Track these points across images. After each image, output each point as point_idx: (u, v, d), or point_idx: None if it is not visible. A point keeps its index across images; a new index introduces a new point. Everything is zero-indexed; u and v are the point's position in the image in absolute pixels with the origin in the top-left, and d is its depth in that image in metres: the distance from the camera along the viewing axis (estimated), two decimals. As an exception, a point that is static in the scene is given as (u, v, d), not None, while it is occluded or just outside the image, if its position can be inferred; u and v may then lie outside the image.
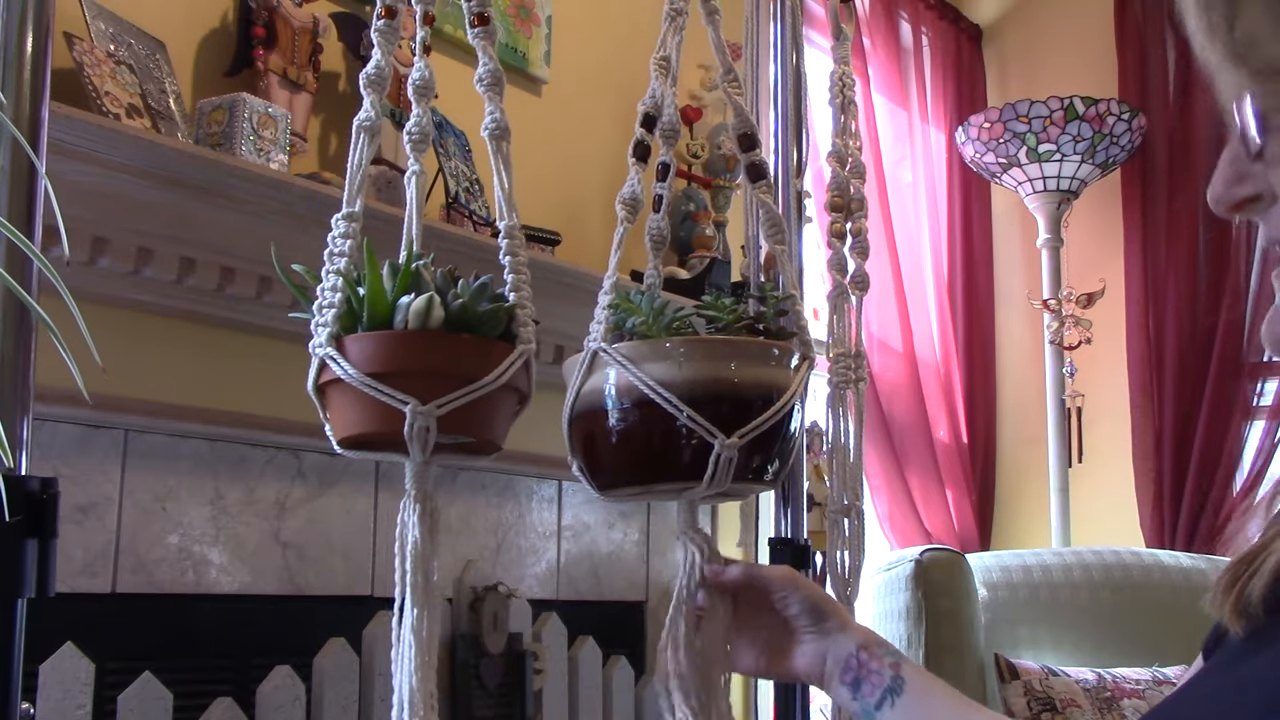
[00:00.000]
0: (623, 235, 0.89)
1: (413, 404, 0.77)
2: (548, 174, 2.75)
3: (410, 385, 0.78)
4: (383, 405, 0.78)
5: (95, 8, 1.92)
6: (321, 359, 0.81)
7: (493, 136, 0.88)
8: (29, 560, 0.94)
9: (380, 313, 0.79)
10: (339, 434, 0.82)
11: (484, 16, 0.89)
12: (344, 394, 0.80)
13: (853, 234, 1.20)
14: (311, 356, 0.81)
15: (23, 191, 0.99)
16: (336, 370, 0.79)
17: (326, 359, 0.80)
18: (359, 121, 0.88)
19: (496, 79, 0.88)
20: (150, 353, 1.94)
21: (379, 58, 0.88)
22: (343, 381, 0.79)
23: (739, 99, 0.91)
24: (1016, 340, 4.17)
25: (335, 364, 0.79)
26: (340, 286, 0.82)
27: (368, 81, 0.88)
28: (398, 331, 0.79)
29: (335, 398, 0.81)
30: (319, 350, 0.80)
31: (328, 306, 0.81)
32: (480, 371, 0.79)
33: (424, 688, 0.84)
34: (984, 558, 3.24)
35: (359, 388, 0.78)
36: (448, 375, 0.78)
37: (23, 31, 1.01)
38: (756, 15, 1.77)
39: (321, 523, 2.13)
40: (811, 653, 0.96)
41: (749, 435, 0.80)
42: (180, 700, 1.86)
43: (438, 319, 0.78)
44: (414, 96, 0.89)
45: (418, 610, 0.84)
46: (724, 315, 0.83)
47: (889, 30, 3.89)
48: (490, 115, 0.88)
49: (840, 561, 1.05)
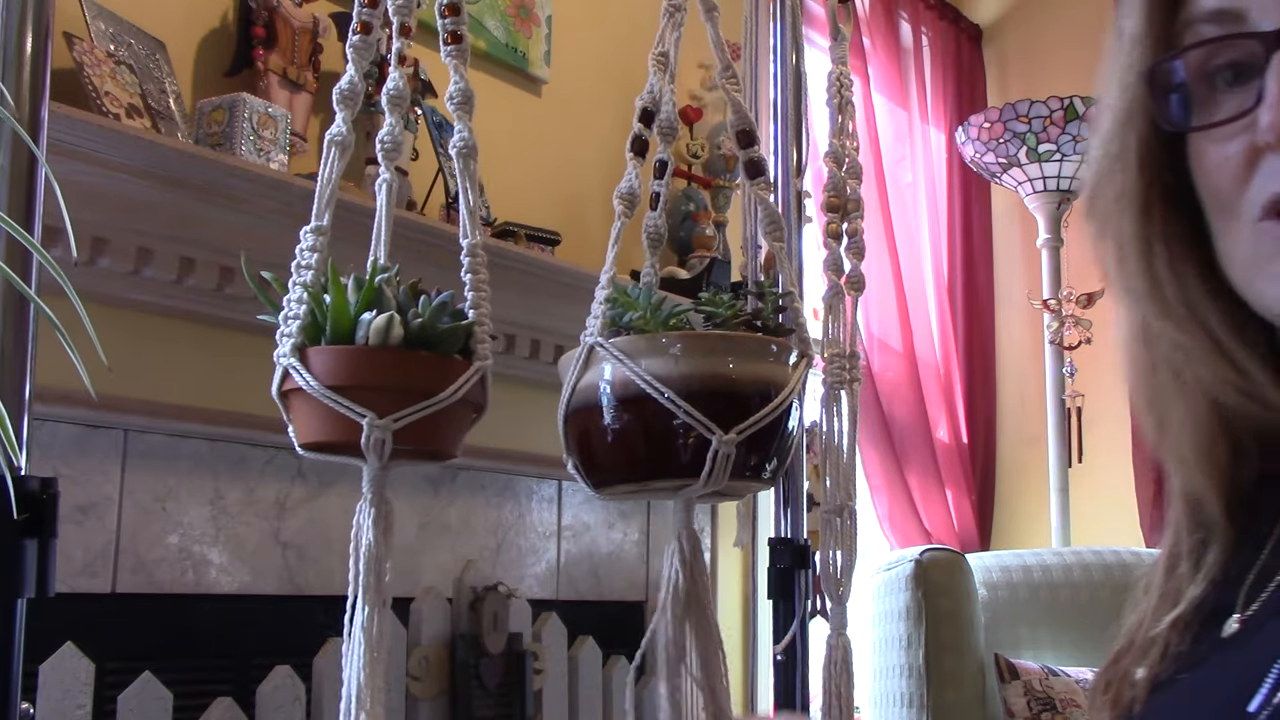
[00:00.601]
0: (620, 230, 0.89)
1: (370, 417, 0.80)
2: (548, 174, 2.75)
3: (369, 399, 0.82)
4: (340, 416, 0.81)
5: (95, 8, 1.92)
6: (285, 368, 0.84)
7: (460, 155, 0.90)
8: (29, 560, 0.94)
9: (343, 327, 0.83)
10: (301, 439, 0.86)
11: (458, 35, 0.90)
12: (306, 402, 0.84)
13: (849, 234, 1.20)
14: (275, 364, 0.85)
15: (23, 191, 0.99)
16: (299, 380, 0.83)
17: (290, 369, 0.84)
18: (330, 136, 0.89)
19: (467, 98, 0.90)
20: (150, 353, 1.94)
21: (352, 73, 0.90)
22: (303, 391, 0.83)
23: (737, 96, 0.91)
24: (1016, 340, 4.17)
25: (297, 374, 0.83)
26: (305, 299, 0.85)
27: (340, 97, 0.90)
28: (358, 347, 0.83)
29: (298, 405, 0.86)
30: (282, 360, 0.85)
31: (293, 318, 0.85)
32: (437, 387, 0.83)
33: (371, 683, 0.86)
34: (984, 558, 3.24)
35: (319, 399, 0.81)
36: (405, 390, 0.82)
37: (23, 31, 1.01)
38: (756, 15, 1.77)
39: (321, 523, 2.14)
40: None
41: (747, 431, 0.80)
42: (180, 700, 1.86)
43: (397, 337, 0.82)
44: (388, 106, 0.90)
45: (369, 609, 0.87)
46: (722, 311, 0.83)
47: (889, 30, 3.90)
48: (459, 134, 0.90)
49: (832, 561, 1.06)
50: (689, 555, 0.93)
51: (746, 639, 3.14)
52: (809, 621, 1.66)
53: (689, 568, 0.93)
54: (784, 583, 1.65)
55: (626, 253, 0.91)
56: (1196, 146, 0.63)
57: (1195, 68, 0.61)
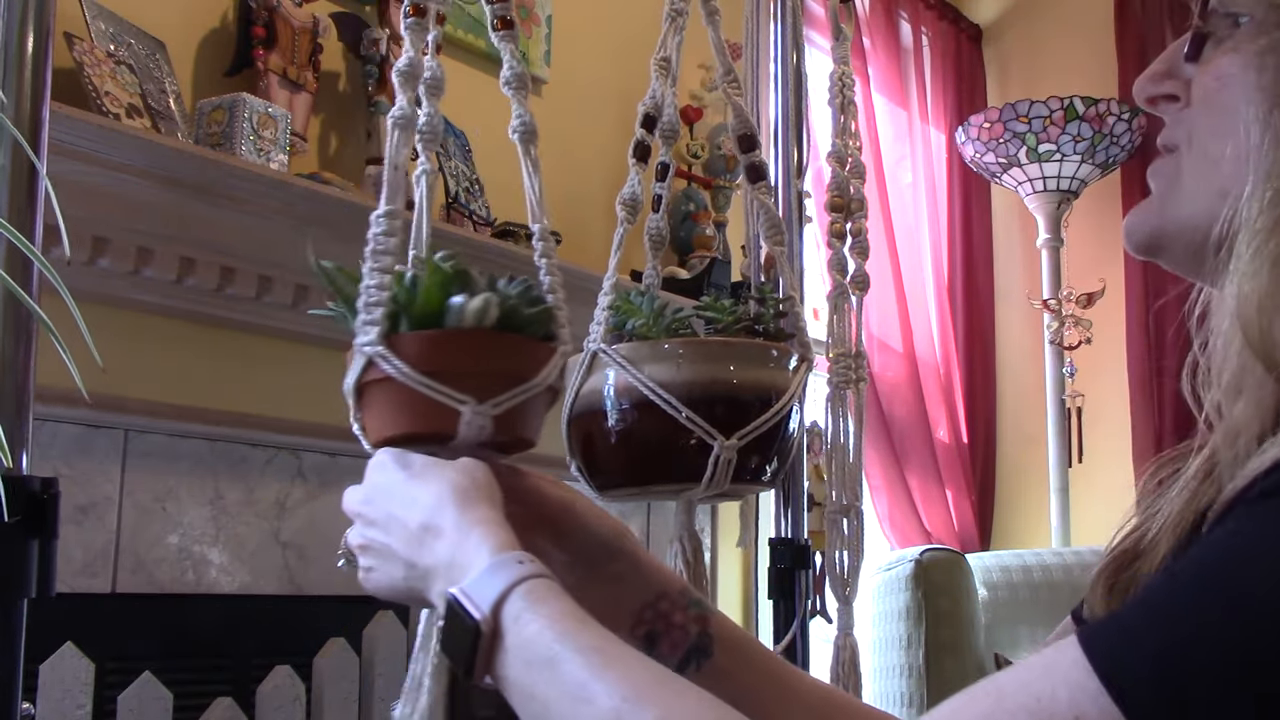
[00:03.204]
0: (622, 236, 0.89)
1: (470, 403, 0.76)
2: (548, 174, 2.72)
3: (464, 385, 0.77)
4: (432, 404, 0.76)
5: (95, 8, 1.92)
6: (369, 357, 0.78)
7: (522, 139, 0.87)
8: (30, 560, 0.94)
9: (433, 312, 0.78)
10: (379, 433, 0.80)
11: (507, 20, 0.88)
12: (389, 393, 0.78)
13: (852, 234, 1.20)
14: (355, 355, 0.79)
15: (23, 192, 0.99)
16: (388, 369, 0.77)
17: (376, 357, 0.78)
18: (394, 117, 0.86)
19: (522, 81, 0.87)
20: (150, 353, 1.94)
21: (411, 52, 0.87)
22: (388, 381, 0.78)
23: (738, 100, 0.91)
24: (1016, 340, 4.17)
25: (387, 363, 0.77)
26: (388, 284, 0.80)
27: (402, 78, 0.87)
28: (454, 331, 0.77)
29: (378, 396, 0.79)
30: (368, 349, 0.78)
31: (375, 304, 0.80)
32: (528, 372, 0.79)
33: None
34: (984, 558, 3.24)
35: (414, 387, 0.77)
36: (499, 375, 0.77)
37: (23, 31, 1.01)
38: (756, 15, 1.77)
39: (321, 523, 2.13)
40: (598, 600, 0.74)
41: (748, 437, 0.80)
42: (180, 700, 1.86)
43: (493, 318, 0.77)
44: (425, 94, 0.88)
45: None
46: (723, 317, 0.84)
47: (889, 30, 3.90)
48: (518, 116, 0.87)
49: (839, 562, 1.06)
50: (690, 556, 0.93)
51: (746, 639, 3.14)
52: (809, 622, 1.66)
53: (690, 569, 0.94)
54: (784, 583, 1.65)
55: (628, 253, 0.91)
56: None
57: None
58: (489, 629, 0.65)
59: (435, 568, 0.70)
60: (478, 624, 0.65)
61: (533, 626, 0.64)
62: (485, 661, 0.65)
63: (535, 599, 0.65)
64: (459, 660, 0.66)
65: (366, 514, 0.77)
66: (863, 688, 1.13)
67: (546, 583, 0.66)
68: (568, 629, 0.63)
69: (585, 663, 0.62)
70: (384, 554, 0.75)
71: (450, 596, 0.67)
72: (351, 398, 0.80)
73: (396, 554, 0.73)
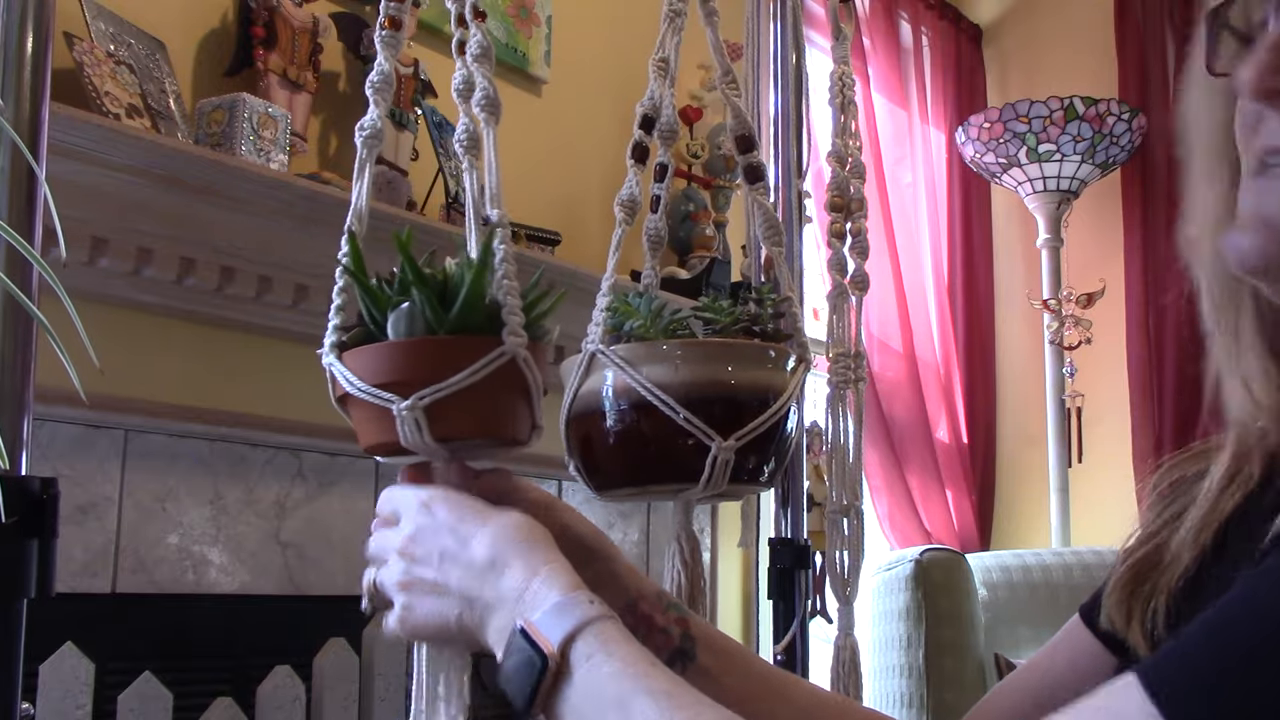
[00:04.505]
0: (621, 237, 0.89)
1: (396, 402, 0.77)
2: (548, 174, 2.75)
3: (408, 392, 0.78)
4: (386, 412, 0.78)
5: (95, 8, 1.92)
6: (328, 369, 0.81)
7: (484, 109, 0.87)
8: (29, 560, 0.94)
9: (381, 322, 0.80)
10: (364, 443, 0.82)
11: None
12: (356, 405, 0.80)
13: (852, 234, 1.20)
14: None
15: (22, 193, 0.99)
16: (340, 380, 0.80)
17: (329, 369, 0.81)
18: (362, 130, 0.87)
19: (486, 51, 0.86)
20: (150, 353, 1.94)
21: (384, 64, 0.87)
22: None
23: (737, 100, 0.91)
24: (1016, 340, 4.17)
25: (338, 373, 0.80)
26: (340, 295, 0.83)
27: (375, 89, 0.87)
28: (390, 342, 0.79)
29: (351, 408, 0.82)
30: (324, 361, 0.81)
31: (333, 316, 0.82)
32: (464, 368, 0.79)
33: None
34: (984, 558, 3.24)
35: (357, 395, 0.79)
36: (435, 378, 0.78)
37: (23, 31, 1.01)
38: (757, 15, 1.77)
39: (321, 523, 2.14)
40: None
41: (746, 438, 0.80)
42: (180, 700, 1.86)
43: (417, 330, 0.79)
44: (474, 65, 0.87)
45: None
46: (721, 317, 0.84)
47: (889, 30, 3.90)
48: (481, 89, 0.87)
49: (840, 562, 1.06)
50: (688, 556, 0.93)
51: (746, 639, 3.14)
52: (809, 622, 1.66)
53: (688, 569, 0.94)
54: (784, 583, 1.65)
55: (627, 254, 0.91)
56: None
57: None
58: (555, 665, 0.64)
59: (498, 602, 0.69)
60: (545, 659, 0.64)
61: (606, 668, 0.64)
62: (545, 697, 0.64)
63: (607, 639, 0.65)
64: (517, 694, 0.65)
65: (414, 551, 0.74)
66: (863, 688, 1.13)
67: (616, 624, 0.66)
68: (640, 671, 0.63)
69: (656, 706, 0.61)
70: (434, 590, 0.73)
71: (518, 628, 0.66)
72: (340, 410, 0.83)
73: (450, 589, 0.72)
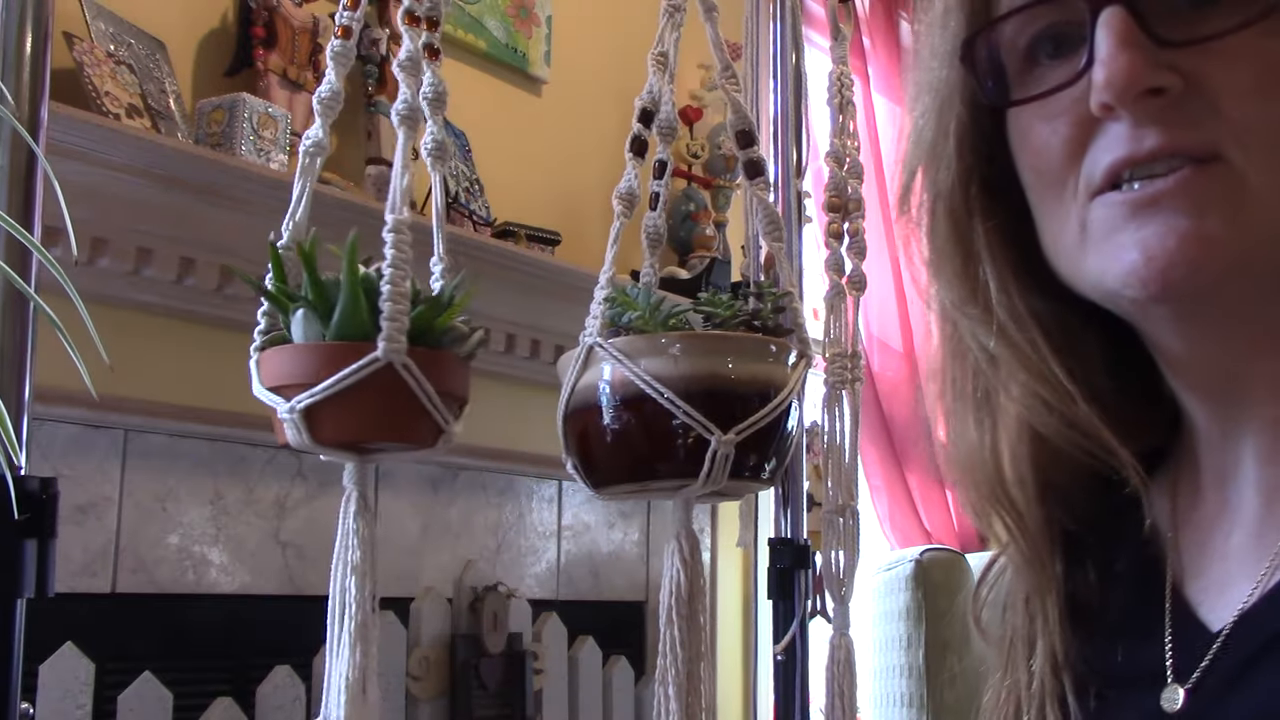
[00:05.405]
0: (619, 230, 0.89)
1: (281, 404, 0.82)
2: (547, 174, 2.75)
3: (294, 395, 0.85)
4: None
5: (95, 8, 1.92)
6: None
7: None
8: (29, 560, 0.94)
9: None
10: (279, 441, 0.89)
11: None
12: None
13: (850, 234, 1.20)
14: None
15: (22, 191, 0.99)
16: (252, 380, 0.87)
17: (250, 367, 0.89)
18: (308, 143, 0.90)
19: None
20: (150, 353, 1.94)
21: (333, 80, 0.90)
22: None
23: (737, 95, 0.91)
24: (1017, 340, 4.16)
25: (251, 373, 0.87)
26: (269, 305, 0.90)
27: (322, 105, 0.90)
28: (277, 348, 0.85)
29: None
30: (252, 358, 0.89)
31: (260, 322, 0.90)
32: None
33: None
34: (984, 558, 3.23)
35: (257, 397, 0.85)
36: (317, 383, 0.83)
37: (23, 31, 1.01)
38: (756, 15, 1.77)
39: (321, 523, 2.13)
40: None
41: (746, 432, 0.80)
42: (180, 700, 1.86)
43: (315, 334, 0.83)
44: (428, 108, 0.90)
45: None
46: (721, 311, 0.83)
47: (889, 30, 3.89)
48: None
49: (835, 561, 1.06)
50: (688, 555, 0.93)
51: (746, 639, 3.14)
52: (809, 621, 1.66)
53: (687, 568, 0.94)
54: (784, 583, 1.65)
55: (626, 253, 0.91)
56: (1021, 125, 0.56)
57: (1014, 38, 0.55)
58: None
59: None
60: None
61: None
62: None
63: None
64: None
65: None
66: (858, 687, 1.13)
67: None
68: None
69: None
70: None
71: None
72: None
73: None
